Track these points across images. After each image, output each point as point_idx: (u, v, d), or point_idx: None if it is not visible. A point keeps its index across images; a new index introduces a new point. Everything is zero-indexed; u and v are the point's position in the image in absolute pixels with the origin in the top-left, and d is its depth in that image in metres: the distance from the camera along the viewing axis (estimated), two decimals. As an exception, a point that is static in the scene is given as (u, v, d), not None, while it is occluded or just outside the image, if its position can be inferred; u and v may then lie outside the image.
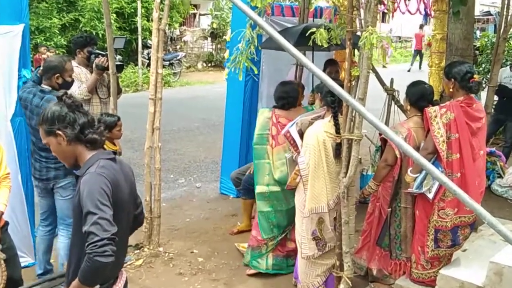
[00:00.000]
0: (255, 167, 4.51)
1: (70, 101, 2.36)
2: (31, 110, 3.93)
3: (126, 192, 2.38)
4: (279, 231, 4.49)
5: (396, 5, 7.22)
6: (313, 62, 5.56)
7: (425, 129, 3.81)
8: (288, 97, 4.47)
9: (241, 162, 6.15)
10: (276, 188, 4.37)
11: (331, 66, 5.85)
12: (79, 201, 2.21)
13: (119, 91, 5.00)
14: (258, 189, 4.47)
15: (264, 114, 4.51)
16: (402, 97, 4.40)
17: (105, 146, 2.49)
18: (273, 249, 4.51)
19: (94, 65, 4.78)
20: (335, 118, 3.82)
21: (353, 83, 3.73)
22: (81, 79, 4.83)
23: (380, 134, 4.16)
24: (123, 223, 2.35)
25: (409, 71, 20.77)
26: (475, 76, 3.75)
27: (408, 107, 4.01)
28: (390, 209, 4.01)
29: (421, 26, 22.01)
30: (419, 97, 3.93)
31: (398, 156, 3.86)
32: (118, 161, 2.43)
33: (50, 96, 3.88)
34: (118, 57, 5.04)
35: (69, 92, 2.51)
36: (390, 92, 5.27)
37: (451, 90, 3.81)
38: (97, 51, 4.90)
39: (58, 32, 15.11)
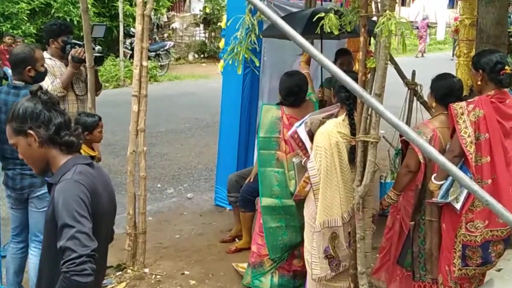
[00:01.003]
0: (260, 176, 4.49)
1: (46, 97, 2.36)
2: (6, 112, 3.93)
3: (105, 202, 2.38)
4: (290, 249, 4.48)
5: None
6: (322, 52, 5.63)
7: (450, 128, 3.81)
8: (300, 92, 4.48)
9: (239, 168, 6.16)
10: (290, 202, 4.34)
11: (343, 57, 5.87)
12: (53, 212, 2.22)
13: (98, 87, 5.00)
14: (265, 201, 4.44)
15: (271, 113, 4.48)
16: (426, 92, 4.41)
17: (81, 150, 2.50)
18: (278, 267, 4.51)
19: (70, 57, 4.78)
20: (350, 116, 3.84)
21: (369, 76, 3.74)
22: (55, 73, 4.83)
23: (400, 136, 4.16)
24: (102, 237, 2.36)
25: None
26: (506, 67, 3.75)
27: (434, 104, 4.01)
28: (413, 223, 4.01)
29: None
30: (447, 93, 3.92)
31: (422, 161, 3.86)
32: (95, 167, 2.44)
33: (27, 92, 3.88)
34: (98, 47, 5.05)
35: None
36: (412, 87, 5.28)
37: (479, 83, 3.82)
38: (73, 41, 4.91)
39: (26, 18, 15.13)
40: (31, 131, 2.32)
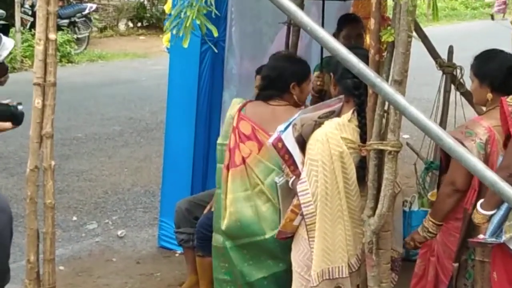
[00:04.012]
0: (215, 201, 4.62)
1: None
2: None
3: None
4: None
5: None
6: (323, 19, 5.65)
7: (504, 132, 3.85)
8: (277, 78, 4.53)
9: (195, 192, 6.15)
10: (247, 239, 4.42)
11: (349, 26, 5.89)
12: None
13: (3, 71, 4.97)
14: (214, 239, 4.55)
15: (232, 109, 4.59)
16: (468, 78, 4.46)
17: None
18: None
19: None
20: (361, 114, 3.86)
21: (385, 55, 3.77)
22: None
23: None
24: None
25: None
26: None
27: (490, 96, 4.07)
28: (457, 265, 4.07)
29: None
30: (508, 74, 4.01)
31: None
32: None
33: None
34: (0, 12, 5.13)
35: None
36: (448, 70, 5.34)
37: None
38: None
39: None
40: None
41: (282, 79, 4.53)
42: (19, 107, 4.43)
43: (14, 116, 4.36)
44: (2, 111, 4.43)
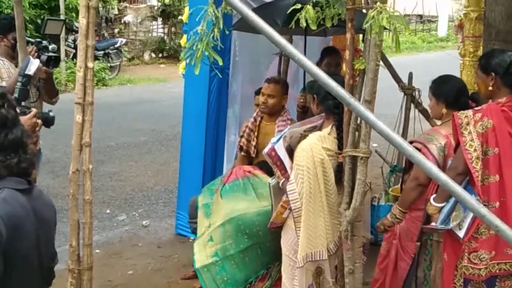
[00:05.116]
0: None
1: (4, 113, 2.28)
2: None
3: (32, 239, 2.29)
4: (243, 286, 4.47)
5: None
6: (305, 50, 5.66)
7: (454, 140, 3.87)
8: None
9: (205, 190, 6.14)
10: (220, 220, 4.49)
11: (330, 57, 5.90)
12: None
13: (55, 93, 4.96)
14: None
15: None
16: (425, 98, 4.48)
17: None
18: None
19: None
20: (339, 128, 3.88)
21: (358, 80, 3.77)
22: (2, 75, 4.84)
23: (411, 142, 4.24)
24: (24, 282, 2.29)
25: None
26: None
27: (444, 111, 4.14)
28: (419, 243, 4.10)
29: None
30: (458, 93, 4.13)
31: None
32: (35, 193, 2.36)
33: None
34: (52, 46, 5.15)
35: None
36: (409, 92, 5.35)
37: (490, 88, 3.87)
38: (27, 38, 4.94)
39: None
40: None
41: None
42: (50, 114, 4.47)
43: (47, 120, 4.39)
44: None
